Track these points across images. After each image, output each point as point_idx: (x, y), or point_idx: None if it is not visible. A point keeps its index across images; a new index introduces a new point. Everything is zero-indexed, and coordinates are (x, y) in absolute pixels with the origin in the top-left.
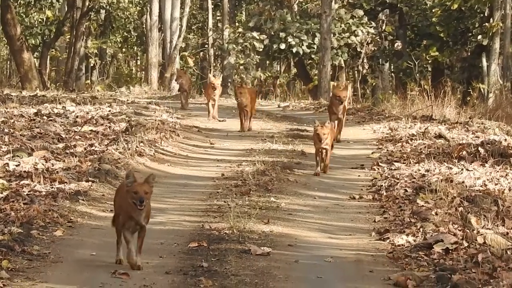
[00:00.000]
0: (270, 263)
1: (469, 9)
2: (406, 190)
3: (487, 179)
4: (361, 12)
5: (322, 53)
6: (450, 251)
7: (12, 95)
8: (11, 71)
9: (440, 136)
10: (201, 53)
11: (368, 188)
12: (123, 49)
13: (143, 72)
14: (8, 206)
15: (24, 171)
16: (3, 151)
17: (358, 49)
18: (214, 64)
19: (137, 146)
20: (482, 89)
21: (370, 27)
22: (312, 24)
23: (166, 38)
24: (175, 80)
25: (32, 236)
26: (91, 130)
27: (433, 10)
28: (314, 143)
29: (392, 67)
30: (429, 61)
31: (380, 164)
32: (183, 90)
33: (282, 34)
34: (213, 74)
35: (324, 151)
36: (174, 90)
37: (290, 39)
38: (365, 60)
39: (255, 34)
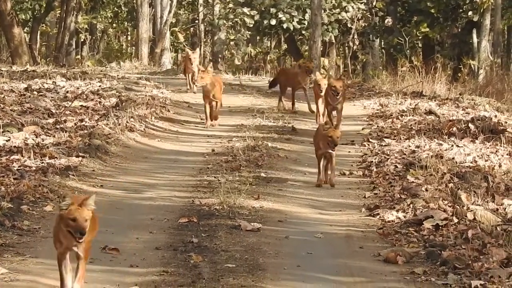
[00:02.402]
0: (260, 238)
1: None
2: (396, 166)
3: (477, 155)
4: None
5: (313, 29)
6: (440, 227)
7: (2, 70)
8: (1, 46)
9: (430, 112)
10: (192, 28)
11: (359, 164)
12: (114, 24)
13: (134, 48)
14: None
15: (14, 146)
16: None
17: (349, 25)
18: (205, 40)
19: (127, 122)
20: (472, 66)
21: (361, 3)
22: (303, 0)
23: (156, 13)
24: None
25: (22, 211)
26: (81, 105)
27: None
28: (319, 147)
29: (382, 43)
30: (420, 37)
31: (370, 140)
32: (190, 70)
33: (272, 10)
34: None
35: (329, 156)
36: (165, 65)
37: (280, 15)
38: (355, 36)
39: (245, 9)
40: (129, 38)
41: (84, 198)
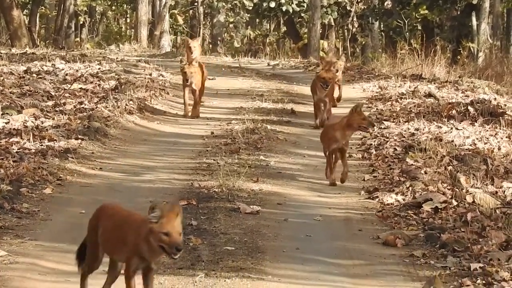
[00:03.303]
0: (259, 221)
1: None
2: (395, 149)
3: (477, 138)
4: None
5: (312, 11)
6: (439, 210)
7: (1, 53)
8: (0, 29)
9: (429, 95)
10: (191, 11)
11: (358, 146)
12: (113, 7)
13: (133, 30)
14: None
15: (14, 129)
16: None
17: (348, 8)
18: (204, 22)
19: (126, 104)
20: (472, 48)
21: None
22: None
23: None
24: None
25: (21, 194)
26: (80, 88)
27: None
28: (334, 142)
29: (382, 25)
30: (419, 20)
31: None
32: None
33: None
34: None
35: (342, 151)
36: (164, 48)
37: None
38: (355, 19)
39: None
40: (128, 20)
41: (172, 207)
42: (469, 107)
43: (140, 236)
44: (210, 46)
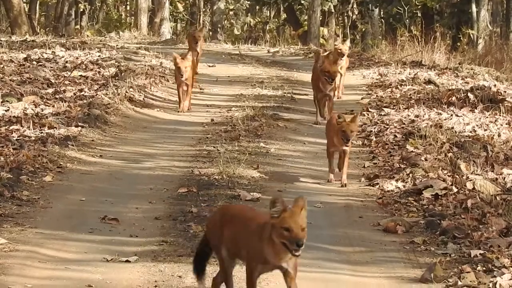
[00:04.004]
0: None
1: None
2: (395, 136)
3: (477, 125)
4: None
5: None
6: (440, 196)
7: (1, 40)
8: (0, 16)
9: (429, 81)
10: None
11: (358, 133)
12: None
13: (133, 17)
14: None
15: (14, 116)
16: None
17: None
18: (204, 10)
19: (126, 91)
20: (471, 35)
21: None
22: None
23: None
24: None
25: (21, 182)
26: (80, 75)
27: None
28: (332, 144)
29: (382, 12)
30: (419, 6)
31: (369, 109)
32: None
33: None
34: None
35: (342, 153)
36: (164, 35)
37: None
38: (355, 6)
39: None
40: (128, 7)
41: (297, 201)
42: (469, 94)
43: (262, 239)
44: (210, 33)
